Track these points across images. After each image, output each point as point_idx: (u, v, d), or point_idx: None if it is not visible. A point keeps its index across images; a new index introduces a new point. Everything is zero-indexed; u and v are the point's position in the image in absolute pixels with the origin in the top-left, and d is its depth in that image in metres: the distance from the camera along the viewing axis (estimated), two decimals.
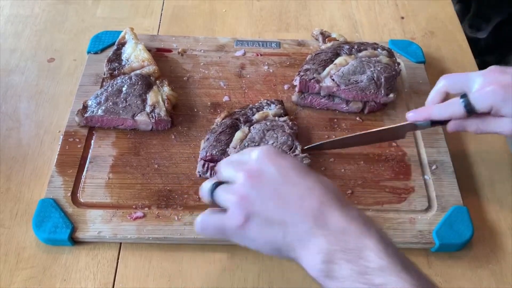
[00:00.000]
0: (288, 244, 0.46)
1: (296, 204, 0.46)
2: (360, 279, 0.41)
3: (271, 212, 0.46)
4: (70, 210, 0.63)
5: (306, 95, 0.77)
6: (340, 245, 0.43)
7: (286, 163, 0.48)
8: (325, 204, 0.45)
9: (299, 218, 0.45)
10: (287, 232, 0.46)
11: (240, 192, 0.47)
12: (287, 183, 0.47)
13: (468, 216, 0.65)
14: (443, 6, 1.00)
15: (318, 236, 0.44)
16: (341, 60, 0.76)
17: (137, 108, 0.72)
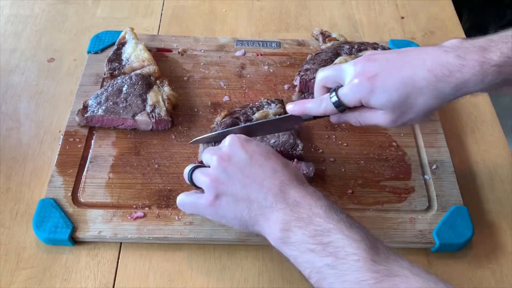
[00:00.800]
0: (253, 218, 0.52)
1: (260, 184, 0.52)
2: (311, 240, 0.48)
3: (239, 191, 0.53)
4: (70, 210, 0.63)
5: (306, 95, 0.77)
6: (295, 216, 0.50)
7: (254, 147, 0.55)
8: (285, 183, 0.52)
9: (262, 195, 0.52)
10: (252, 207, 0.52)
11: (212, 174, 0.54)
12: (254, 165, 0.53)
13: (468, 216, 0.65)
14: (443, 6, 1.00)
15: (277, 210, 0.51)
16: (341, 60, 0.75)
17: (138, 108, 0.72)
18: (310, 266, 0.48)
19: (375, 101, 0.55)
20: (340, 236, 0.47)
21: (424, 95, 0.53)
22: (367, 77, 0.54)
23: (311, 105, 0.60)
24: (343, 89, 0.57)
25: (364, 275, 0.44)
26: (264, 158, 0.54)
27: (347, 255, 0.45)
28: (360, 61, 0.57)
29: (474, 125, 0.79)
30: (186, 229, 0.62)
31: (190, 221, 0.63)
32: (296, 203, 0.51)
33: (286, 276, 0.61)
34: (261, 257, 0.62)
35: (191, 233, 0.62)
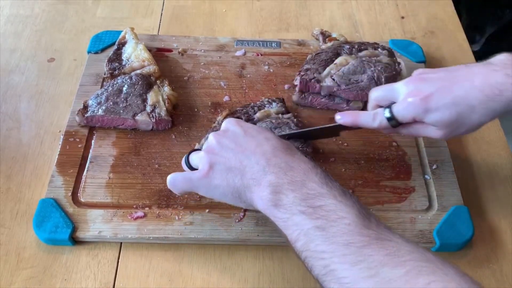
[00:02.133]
0: (245, 185, 0.52)
1: (253, 150, 0.53)
2: (302, 203, 0.48)
3: (232, 159, 0.53)
4: (70, 210, 0.63)
5: (307, 95, 0.77)
6: (288, 179, 0.50)
7: (248, 124, 0.57)
8: (278, 149, 0.53)
9: (254, 160, 0.52)
10: (244, 173, 0.53)
11: (206, 148, 0.56)
12: (247, 136, 0.55)
13: (468, 216, 0.65)
14: (443, 5, 1.00)
15: (269, 173, 0.51)
16: (342, 60, 0.76)
17: (138, 108, 0.72)
18: (298, 229, 0.47)
19: (428, 119, 0.57)
20: (332, 201, 0.47)
21: (476, 113, 0.56)
22: (420, 97, 0.57)
23: (364, 119, 0.62)
24: (397, 106, 0.59)
25: (353, 237, 0.44)
26: (257, 132, 0.56)
27: (338, 218, 0.46)
28: (413, 81, 0.59)
29: None
30: (186, 229, 0.62)
31: (190, 221, 0.63)
32: (289, 167, 0.51)
33: (286, 276, 0.61)
34: (261, 257, 0.62)
35: (191, 233, 0.62)
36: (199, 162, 0.55)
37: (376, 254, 0.42)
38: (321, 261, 0.45)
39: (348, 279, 0.42)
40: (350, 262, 0.43)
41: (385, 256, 0.42)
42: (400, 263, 0.41)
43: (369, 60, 0.76)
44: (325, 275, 0.44)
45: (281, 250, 0.63)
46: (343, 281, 0.43)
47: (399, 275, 0.40)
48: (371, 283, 0.41)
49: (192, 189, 0.56)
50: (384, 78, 0.74)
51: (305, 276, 0.61)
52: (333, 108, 0.77)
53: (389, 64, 0.76)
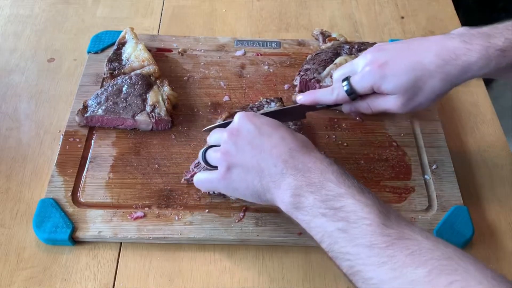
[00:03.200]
0: (264, 187, 0.53)
1: (269, 152, 0.53)
2: (322, 205, 0.48)
3: (248, 161, 0.53)
4: (70, 210, 0.63)
5: None
6: (306, 181, 0.50)
7: (262, 120, 0.56)
8: (294, 150, 0.53)
9: (272, 162, 0.52)
10: (263, 176, 0.53)
11: (222, 149, 0.55)
12: (262, 135, 0.54)
13: (468, 216, 0.65)
14: (443, 6, 1.00)
15: (288, 176, 0.51)
16: (342, 60, 0.75)
17: (137, 108, 0.72)
18: (322, 231, 0.48)
19: (386, 86, 0.58)
20: (351, 201, 0.47)
21: (432, 78, 0.56)
22: (377, 65, 0.58)
23: (322, 94, 0.62)
24: (355, 77, 0.60)
25: (376, 238, 0.44)
26: (272, 129, 0.55)
27: (358, 219, 0.46)
28: (370, 51, 0.60)
29: (474, 125, 0.79)
30: (186, 229, 0.62)
31: (190, 221, 0.63)
32: (307, 168, 0.51)
33: (286, 276, 0.61)
34: (261, 257, 0.62)
35: (191, 233, 0.62)
36: (217, 163, 0.56)
37: (398, 255, 0.42)
38: (347, 262, 0.46)
39: (374, 280, 0.43)
40: (374, 263, 0.43)
41: (407, 256, 0.42)
42: (422, 263, 0.41)
43: None
44: (352, 274, 0.45)
45: (281, 250, 0.63)
46: (370, 282, 0.43)
47: (422, 276, 0.40)
48: (395, 284, 0.41)
49: (214, 189, 0.59)
50: None
51: (305, 276, 0.61)
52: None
53: None
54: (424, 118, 0.77)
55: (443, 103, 0.81)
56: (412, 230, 0.45)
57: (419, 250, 0.42)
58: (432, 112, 0.77)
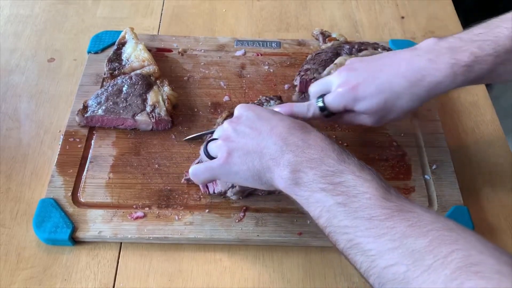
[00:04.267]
0: (264, 166, 0.53)
1: (269, 132, 0.54)
2: (322, 180, 0.49)
3: (249, 143, 0.54)
4: (70, 210, 0.63)
5: (307, 94, 0.77)
6: (306, 156, 0.51)
7: (260, 108, 0.58)
8: (294, 128, 0.53)
9: (271, 141, 0.53)
10: (262, 155, 0.53)
11: (223, 135, 0.56)
12: (261, 119, 0.55)
13: (468, 216, 0.65)
14: (443, 5, 1.00)
15: (287, 152, 0.51)
16: (342, 60, 0.75)
17: (138, 108, 0.72)
18: (320, 205, 0.48)
19: (358, 107, 0.60)
20: (351, 177, 0.48)
21: (400, 99, 0.59)
22: (350, 87, 0.60)
23: (298, 109, 0.63)
24: (328, 97, 0.61)
25: (375, 211, 0.44)
26: (271, 114, 0.56)
27: (358, 193, 0.46)
28: (343, 71, 0.62)
29: (474, 125, 0.79)
30: (186, 229, 0.62)
31: (190, 221, 0.63)
32: (307, 145, 0.51)
33: (286, 276, 0.61)
34: (261, 257, 0.62)
35: (191, 233, 0.62)
36: (218, 151, 0.56)
37: (398, 226, 0.43)
38: (345, 236, 0.46)
39: (373, 251, 0.43)
40: (373, 235, 0.43)
41: (407, 228, 0.42)
42: (423, 234, 0.41)
43: None
44: (350, 248, 0.45)
45: (281, 250, 0.63)
46: (369, 253, 0.43)
47: (422, 245, 0.40)
48: (395, 254, 0.42)
49: (214, 177, 0.58)
50: None
51: (305, 276, 0.61)
52: None
53: None
54: (424, 118, 0.77)
55: (443, 103, 0.81)
56: (412, 204, 0.45)
57: (419, 221, 0.42)
58: (432, 112, 0.77)
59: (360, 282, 0.60)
